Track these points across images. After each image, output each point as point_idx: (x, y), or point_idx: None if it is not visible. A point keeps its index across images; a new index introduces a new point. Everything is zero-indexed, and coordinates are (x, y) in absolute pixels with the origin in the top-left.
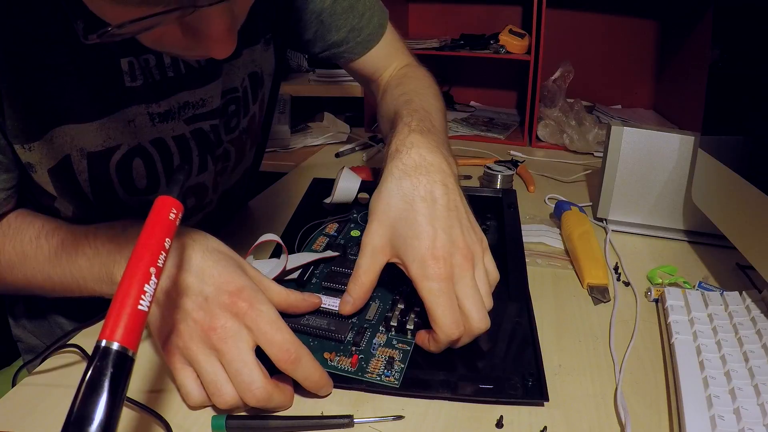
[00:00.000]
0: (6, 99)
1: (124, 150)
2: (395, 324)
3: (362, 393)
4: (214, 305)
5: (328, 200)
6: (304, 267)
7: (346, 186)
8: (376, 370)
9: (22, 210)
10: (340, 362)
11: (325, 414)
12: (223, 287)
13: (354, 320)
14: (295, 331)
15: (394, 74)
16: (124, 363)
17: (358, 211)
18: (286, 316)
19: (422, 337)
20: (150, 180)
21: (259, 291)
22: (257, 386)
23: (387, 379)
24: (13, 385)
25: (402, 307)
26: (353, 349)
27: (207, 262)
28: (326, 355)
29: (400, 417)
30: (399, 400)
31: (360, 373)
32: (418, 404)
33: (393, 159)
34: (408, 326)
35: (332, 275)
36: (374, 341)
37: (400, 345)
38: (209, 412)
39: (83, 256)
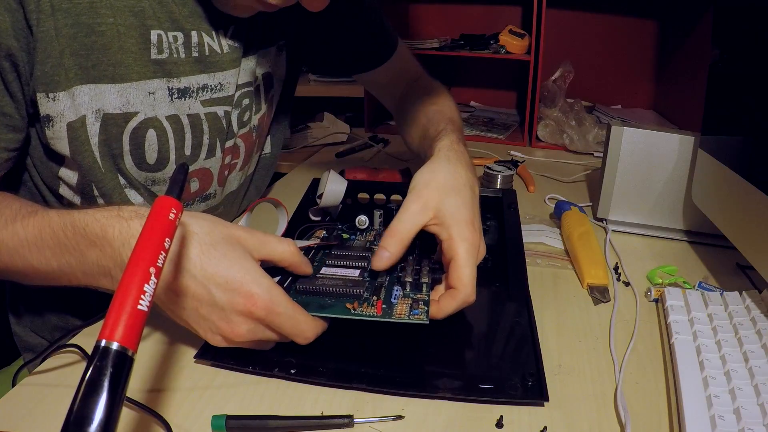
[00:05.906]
0: (40, 44)
1: (141, 118)
2: (410, 280)
3: (362, 393)
4: (231, 313)
5: (316, 205)
6: (305, 250)
7: (334, 188)
8: (403, 312)
9: (4, 192)
10: (364, 309)
11: (325, 414)
12: (234, 292)
13: (367, 283)
14: (312, 292)
15: (413, 84)
16: (123, 363)
17: (342, 223)
18: (302, 278)
19: (433, 304)
20: (160, 154)
21: (271, 288)
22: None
23: (415, 317)
24: (13, 385)
25: (416, 267)
26: (374, 298)
27: (210, 261)
28: (348, 305)
29: (400, 417)
30: (399, 400)
31: (387, 315)
32: (418, 404)
33: (442, 148)
34: (423, 279)
35: (333, 256)
36: (394, 292)
37: (419, 296)
38: (209, 412)
39: (70, 254)
